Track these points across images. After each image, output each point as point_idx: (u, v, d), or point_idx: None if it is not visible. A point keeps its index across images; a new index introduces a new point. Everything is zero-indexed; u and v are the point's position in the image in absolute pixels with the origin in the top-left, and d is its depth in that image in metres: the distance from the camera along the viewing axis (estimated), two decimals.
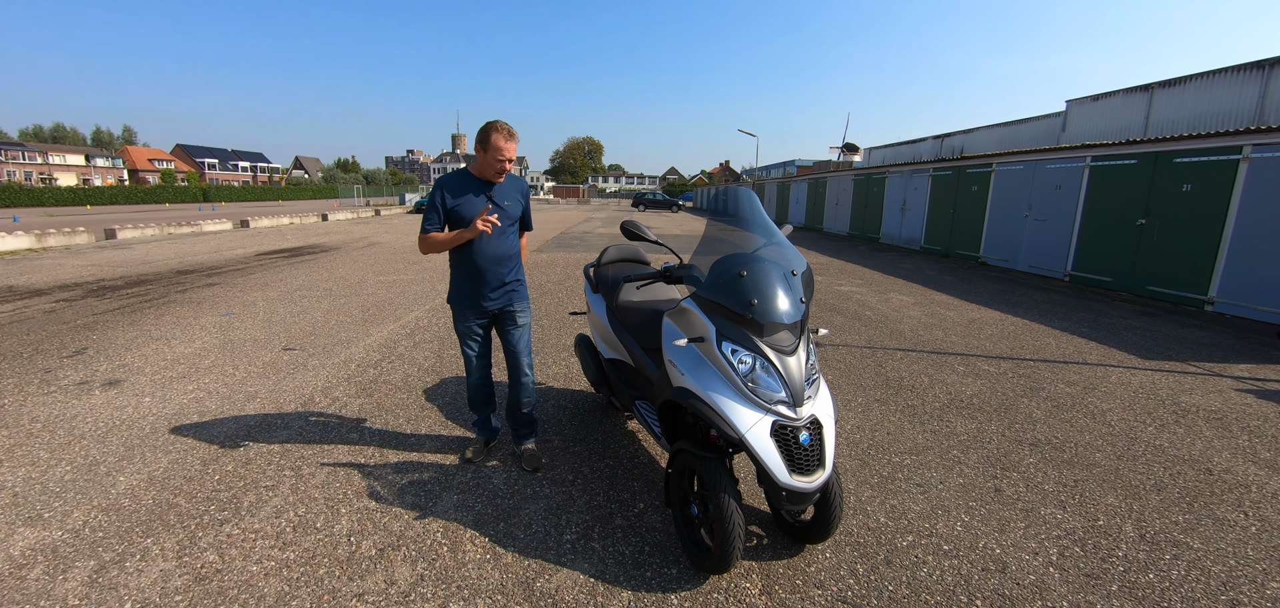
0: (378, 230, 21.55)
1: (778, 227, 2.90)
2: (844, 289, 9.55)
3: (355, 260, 12.49)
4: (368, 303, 7.88)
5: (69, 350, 5.58)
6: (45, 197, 46.24)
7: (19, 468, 3.28)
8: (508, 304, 3.10)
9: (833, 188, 24.34)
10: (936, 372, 5.09)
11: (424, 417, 3.97)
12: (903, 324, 6.95)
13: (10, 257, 13.14)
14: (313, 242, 16.84)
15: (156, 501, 2.92)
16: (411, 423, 3.87)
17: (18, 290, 8.93)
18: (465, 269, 2.99)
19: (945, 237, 15.44)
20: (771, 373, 2.11)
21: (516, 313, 3.13)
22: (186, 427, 3.81)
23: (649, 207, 49.41)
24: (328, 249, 14.86)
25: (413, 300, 8.11)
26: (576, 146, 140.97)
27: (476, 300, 3.01)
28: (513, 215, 3.05)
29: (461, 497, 2.96)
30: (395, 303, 7.91)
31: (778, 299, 2.18)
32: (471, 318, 3.05)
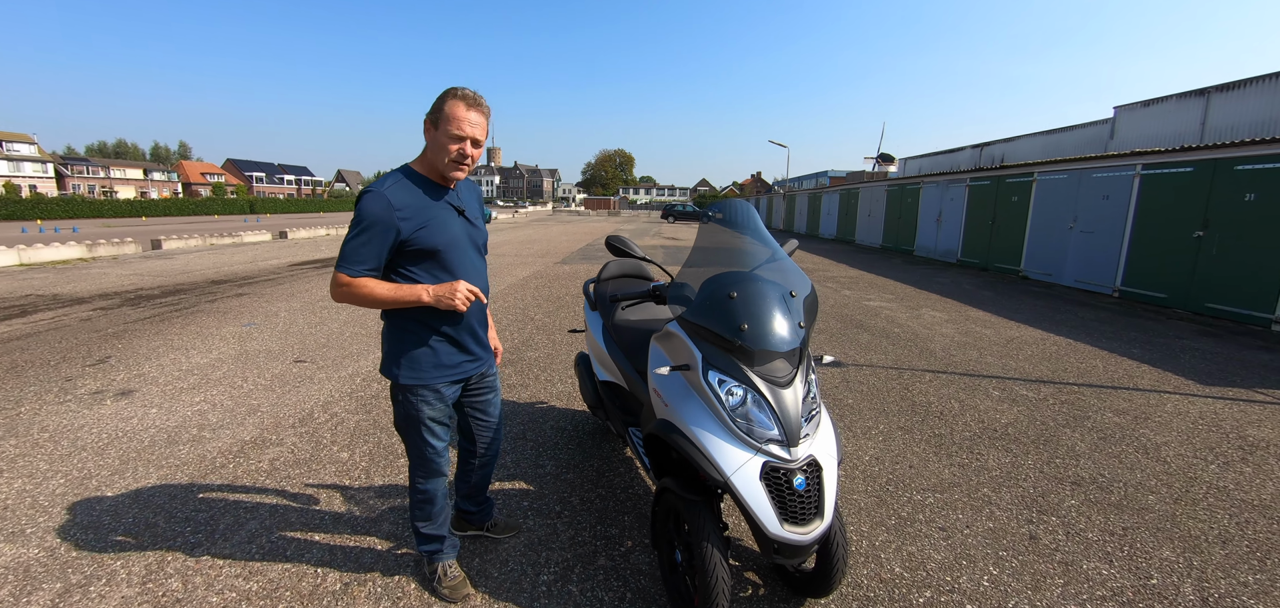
0: None
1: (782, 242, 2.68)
2: (872, 304, 9.14)
3: None
4: None
5: (93, 359, 5.69)
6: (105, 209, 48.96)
7: (16, 480, 3.26)
8: (486, 363, 2.26)
9: (865, 199, 23.70)
10: (968, 396, 4.72)
11: None
12: (934, 343, 6.55)
13: (63, 265, 13.78)
14: None
15: (136, 520, 2.84)
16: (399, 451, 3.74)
17: (62, 298, 9.29)
18: (439, 324, 2.04)
19: (983, 249, 14.76)
20: (763, 407, 1.88)
21: (494, 376, 2.38)
22: (184, 441, 3.76)
23: (678, 218, 49.25)
24: None
25: None
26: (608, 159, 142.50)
27: (458, 365, 2.11)
28: (483, 233, 2.21)
29: None
30: None
31: (772, 324, 1.94)
32: (449, 393, 2.12)
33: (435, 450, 2.16)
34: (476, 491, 2.52)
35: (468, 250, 2.08)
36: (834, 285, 11.24)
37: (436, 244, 1.95)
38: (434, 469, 2.18)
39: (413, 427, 2.10)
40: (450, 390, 2.13)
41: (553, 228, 34.71)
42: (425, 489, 2.20)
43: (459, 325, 2.08)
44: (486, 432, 2.39)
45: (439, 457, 2.18)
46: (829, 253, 19.14)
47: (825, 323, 7.57)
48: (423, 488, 2.20)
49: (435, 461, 2.17)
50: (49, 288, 10.25)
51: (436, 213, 1.96)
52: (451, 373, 2.10)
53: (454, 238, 2.01)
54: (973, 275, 13.30)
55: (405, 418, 2.09)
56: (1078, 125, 19.35)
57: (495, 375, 2.39)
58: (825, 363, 2.25)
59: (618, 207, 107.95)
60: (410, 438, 2.13)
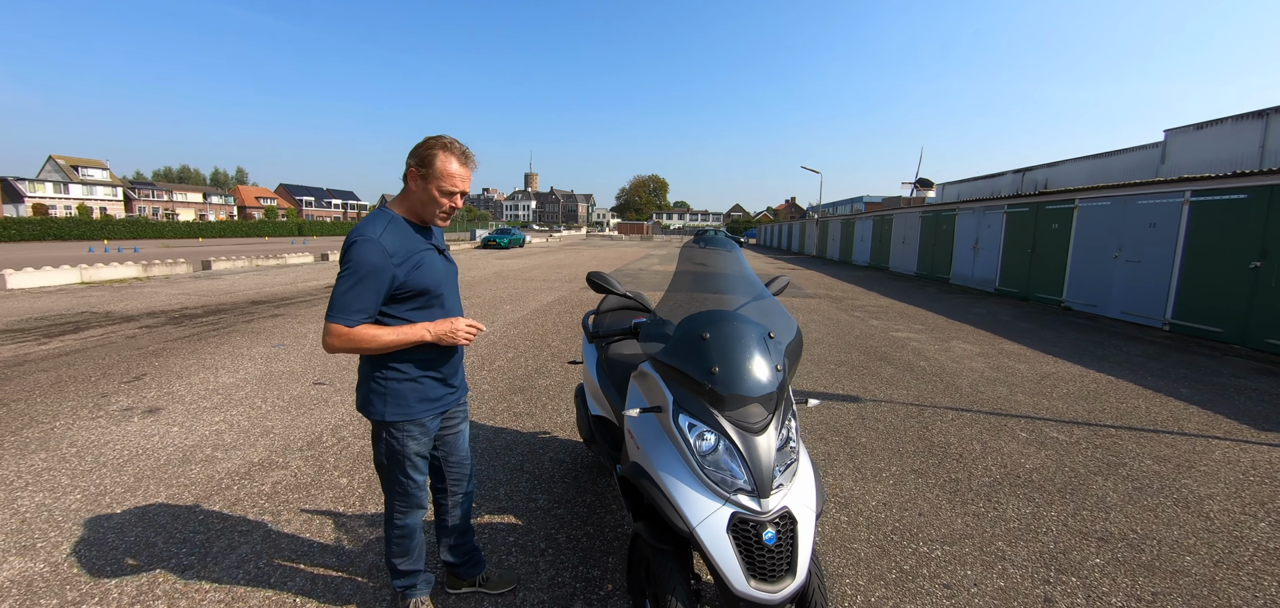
0: None
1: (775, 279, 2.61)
2: (900, 335, 8.84)
3: None
4: None
5: (130, 376, 5.95)
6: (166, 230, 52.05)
7: (38, 493, 3.41)
8: (463, 394, 2.29)
9: (899, 225, 23.16)
10: (992, 437, 4.47)
11: None
12: (961, 378, 6.27)
13: (119, 284, 14.61)
14: None
15: (138, 538, 2.92)
16: None
17: (113, 315, 9.81)
18: (427, 359, 2.06)
19: (1022, 278, 14.17)
20: (734, 455, 1.79)
21: (465, 406, 2.37)
22: (197, 461, 3.87)
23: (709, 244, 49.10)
24: None
25: None
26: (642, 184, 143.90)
27: (441, 398, 2.13)
28: (456, 269, 2.26)
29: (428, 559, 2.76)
30: None
31: (747, 367, 1.87)
32: (433, 426, 2.13)
33: (416, 484, 2.16)
34: (459, 535, 2.40)
35: (452, 287, 2.17)
36: (861, 315, 10.94)
37: (427, 284, 1.99)
38: (415, 502, 2.18)
39: (397, 463, 2.10)
40: (433, 424, 2.14)
41: (584, 252, 35.08)
42: (405, 524, 2.19)
43: (446, 360, 2.11)
44: (458, 467, 2.35)
45: (419, 490, 2.18)
46: (861, 281, 18.71)
47: (845, 356, 7.35)
48: (403, 523, 2.19)
49: (417, 493, 2.17)
50: (103, 305, 10.86)
51: (423, 255, 2.00)
52: (435, 406, 2.12)
53: (440, 277, 2.07)
54: (1011, 306, 12.76)
55: (390, 455, 2.09)
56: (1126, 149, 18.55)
57: (465, 406, 2.38)
58: (810, 405, 2.15)
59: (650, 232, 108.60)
60: (393, 475, 2.13)
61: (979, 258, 16.45)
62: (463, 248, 36.96)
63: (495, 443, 4.17)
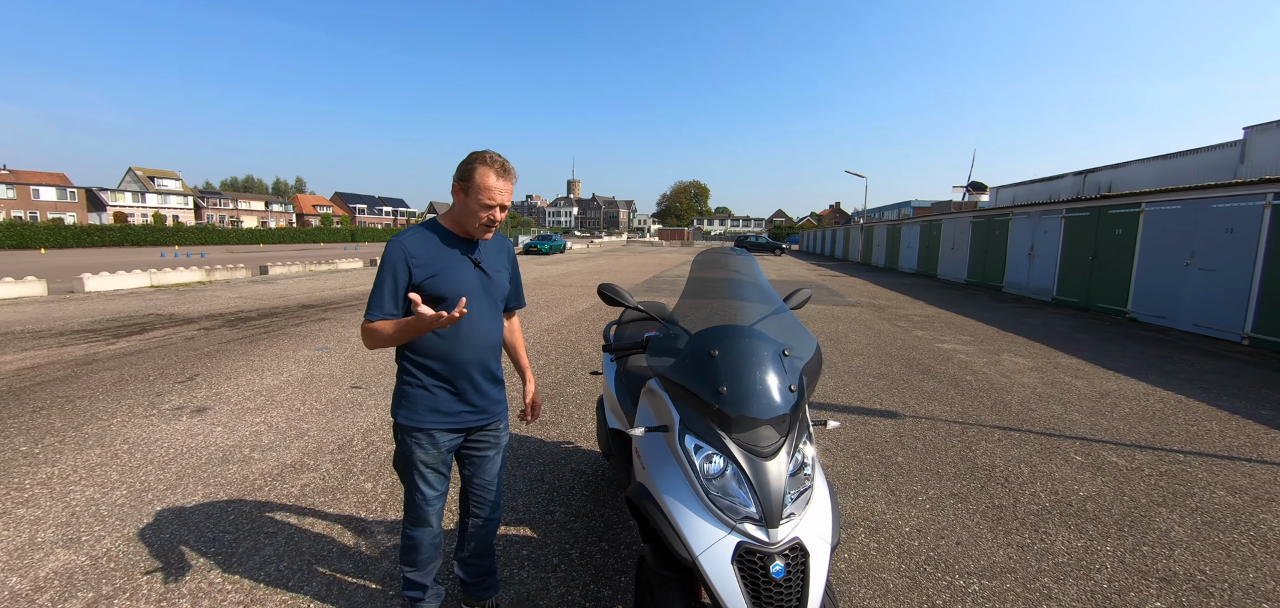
0: None
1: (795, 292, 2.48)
2: (946, 347, 8.43)
3: None
4: None
5: (184, 376, 6.26)
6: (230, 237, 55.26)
7: (89, 488, 3.59)
8: (490, 417, 2.20)
9: (948, 231, 22.26)
10: (1043, 460, 4.17)
11: None
12: (1011, 394, 5.90)
13: (184, 287, 15.52)
14: None
15: (172, 536, 3.02)
16: None
17: (176, 318, 10.41)
18: (438, 365, 2.04)
19: (1083, 287, 13.35)
20: (742, 481, 1.69)
21: (501, 429, 2.28)
22: (235, 461, 4.00)
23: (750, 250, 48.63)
24: None
25: None
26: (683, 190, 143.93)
27: (457, 414, 2.09)
28: (502, 287, 2.20)
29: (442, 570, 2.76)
30: None
31: (756, 387, 1.76)
32: (441, 440, 2.08)
33: (425, 498, 2.12)
34: (474, 558, 2.34)
35: (480, 300, 2.09)
36: (905, 325, 10.52)
37: (444, 292, 1.98)
38: (421, 517, 2.14)
39: (406, 469, 2.10)
40: (445, 438, 2.09)
41: (624, 258, 35.22)
42: (412, 536, 2.17)
43: (458, 372, 2.06)
44: (482, 492, 2.27)
45: (428, 505, 2.13)
46: (906, 288, 18.04)
47: (885, 368, 7.05)
48: (409, 534, 2.18)
49: (424, 508, 2.13)
50: (167, 308, 11.54)
51: (450, 263, 2.03)
52: (448, 420, 2.08)
53: (464, 288, 2.02)
54: (1069, 316, 12.01)
55: (400, 459, 2.11)
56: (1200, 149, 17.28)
57: (500, 433, 2.27)
58: (830, 427, 2.02)
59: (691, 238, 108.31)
60: (405, 481, 2.14)
61: (1034, 265, 15.60)
62: None
63: (518, 452, 4.16)
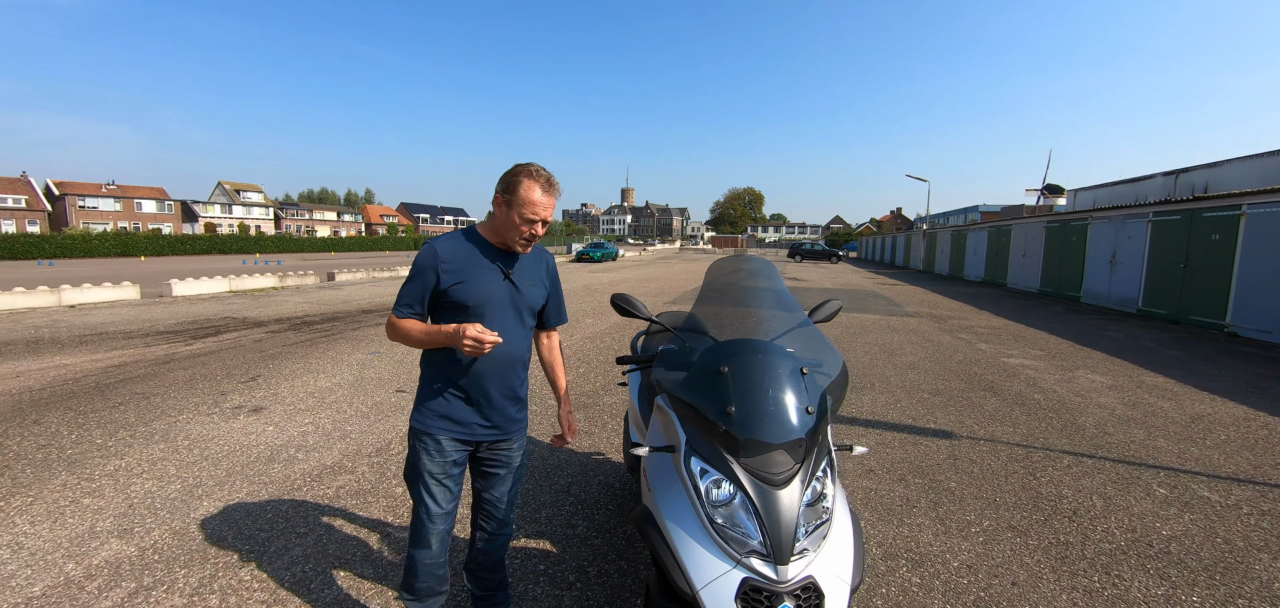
0: None
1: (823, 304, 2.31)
2: (1012, 361, 7.84)
3: None
4: None
5: (247, 377, 6.62)
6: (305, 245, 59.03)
7: (148, 481, 3.81)
8: (505, 433, 2.11)
9: (1019, 237, 20.89)
10: (1120, 492, 3.75)
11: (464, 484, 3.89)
12: (1085, 416, 5.38)
13: (258, 292, 16.58)
14: None
15: (214, 532, 3.14)
16: None
17: (248, 321, 11.10)
18: (455, 373, 1.98)
19: (1173, 297, 12.16)
20: (749, 510, 1.55)
21: (515, 448, 2.18)
22: (281, 460, 4.16)
23: (805, 257, 47.44)
24: None
25: None
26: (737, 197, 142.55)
27: (468, 424, 2.02)
28: (534, 303, 2.12)
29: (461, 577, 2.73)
30: None
31: (768, 408, 1.62)
32: (451, 451, 2.01)
33: (429, 513, 2.02)
34: (483, 571, 2.24)
35: (505, 312, 2.01)
36: (968, 337, 9.88)
37: (469, 300, 1.95)
38: (422, 536, 2.03)
39: (414, 477, 2.04)
40: (453, 448, 2.02)
41: (675, 266, 35.09)
42: (413, 556, 2.07)
43: (473, 380, 1.99)
44: (490, 508, 2.17)
45: (431, 522, 2.02)
46: (971, 298, 17.01)
47: (943, 384, 6.60)
48: (412, 554, 2.08)
49: (427, 524, 2.03)
50: (241, 312, 12.33)
51: (479, 271, 1.97)
52: (457, 430, 2.01)
53: (490, 297, 1.98)
54: (1157, 330, 10.95)
55: (410, 465, 2.06)
56: None
57: (513, 453, 2.16)
58: (855, 454, 1.84)
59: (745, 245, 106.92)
60: (412, 492, 2.06)
61: (1117, 273, 14.36)
62: (558, 262, 38.13)
63: (547, 461, 4.12)
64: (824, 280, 23.59)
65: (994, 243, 23.44)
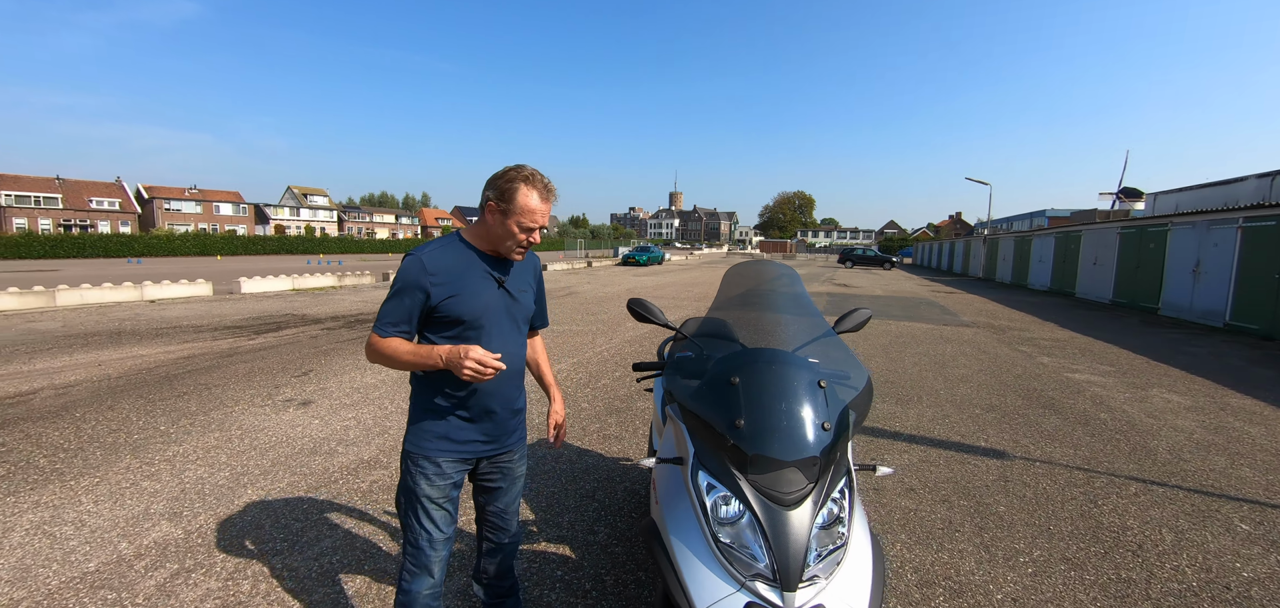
0: (583, 281, 23.58)
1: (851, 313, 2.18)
2: (1078, 377, 7.31)
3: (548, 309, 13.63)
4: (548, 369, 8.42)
5: (300, 371, 6.94)
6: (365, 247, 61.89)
7: (201, 468, 4.02)
8: (506, 445, 2.01)
9: (1089, 243, 19.57)
10: (1194, 526, 3.40)
11: None
12: (1158, 439, 4.94)
13: (319, 291, 17.43)
14: None
15: (253, 519, 3.28)
16: None
17: (307, 318, 11.67)
18: (455, 392, 1.86)
19: (1266, 311, 11.08)
20: (756, 531, 1.46)
21: (517, 458, 2.09)
22: (322, 453, 4.31)
23: (856, 263, 46.06)
24: None
25: (568, 351, 8.44)
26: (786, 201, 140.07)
27: (468, 442, 1.90)
28: (527, 310, 2.04)
29: None
30: (551, 352, 8.31)
31: (779, 422, 1.53)
32: (451, 472, 1.89)
33: (429, 539, 1.86)
34: (492, 580, 2.18)
35: (501, 322, 1.90)
36: (1028, 350, 9.29)
37: (463, 314, 1.81)
38: (421, 564, 1.87)
39: (409, 502, 1.88)
40: (453, 468, 1.89)
41: (721, 269, 34.73)
42: (407, 588, 1.88)
43: (473, 397, 1.87)
44: (495, 519, 2.09)
45: (431, 549, 1.86)
46: (1035, 308, 16.04)
47: (997, 400, 6.22)
48: (405, 586, 1.89)
49: (427, 551, 1.86)
50: (302, 309, 12.97)
51: (471, 282, 1.84)
52: (457, 449, 1.89)
53: (485, 308, 1.85)
54: (1246, 346, 9.99)
55: (404, 490, 1.90)
56: None
57: (514, 463, 2.08)
58: (879, 474, 1.72)
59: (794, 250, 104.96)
60: (406, 516, 1.89)
61: (1201, 284, 13.22)
62: (603, 265, 38.55)
63: (576, 465, 4.10)
64: (874, 287, 22.79)
65: (1061, 249, 22.06)
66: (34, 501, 3.49)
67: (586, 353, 8.23)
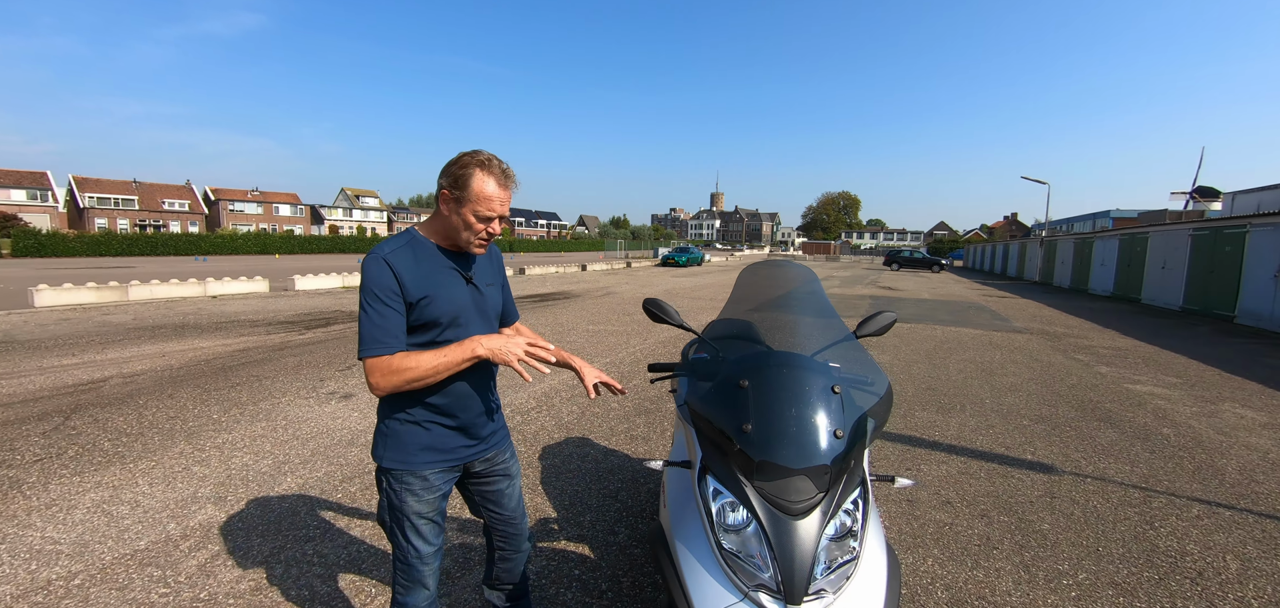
0: (621, 281, 23.69)
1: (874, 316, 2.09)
2: (1139, 389, 6.85)
3: (584, 309, 13.76)
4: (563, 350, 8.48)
5: (345, 365, 7.21)
6: None
7: (247, 456, 4.22)
8: (490, 446, 1.91)
9: (1157, 246, 18.36)
10: (1265, 554, 3.12)
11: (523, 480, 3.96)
12: (1228, 459, 4.58)
13: None
14: (562, 289, 19.27)
15: (289, 507, 3.41)
16: None
17: (355, 314, 12.12)
18: (432, 397, 1.73)
19: None
20: (761, 540, 1.42)
21: (509, 458, 2.01)
22: (359, 444, 4.46)
23: (903, 265, 44.42)
24: (570, 296, 16.77)
25: (601, 351, 8.48)
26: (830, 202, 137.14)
27: (454, 449, 1.80)
28: (496, 305, 1.94)
29: None
30: (584, 352, 8.37)
31: (788, 428, 1.47)
32: (439, 484, 1.79)
33: (419, 555, 1.77)
34: (504, 582, 2.12)
35: (475, 321, 1.80)
36: (1086, 358, 8.78)
37: (439, 315, 1.69)
38: (416, 578, 1.78)
39: (397, 521, 1.77)
40: (441, 478, 1.79)
41: None
42: (403, 602, 1.81)
43: (455, 402, 1.76)
44: (505, 526, 2.02)
45: (423, 564, 1.78)
46: (1095, 314, 15.15)
47: (1048, 410, 5.89)
48: (401, 600, 1.81)
49: (418, 567, 1.78)
50: (350, 306, 13.48)
51: (442, 282, 1.72)
52: (444, 458, 1.78)
53: (460, 309, 1.75)
54: None
55: (389, 509, 1.78)
56: None
57: (509, 461, 2.00)
58: (897, 486, 1.64)
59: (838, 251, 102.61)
60: (394, 534, 1.79)
61: None
62: (643, 266, 38.63)
63: (601, 464, 4.11)
64: (921, 291, 22.00)
65: (1126, 252, 20.78)
66: (97, 480, 3.74)
67: (620, 353, 8.25)
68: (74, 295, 12.56)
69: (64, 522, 3.21)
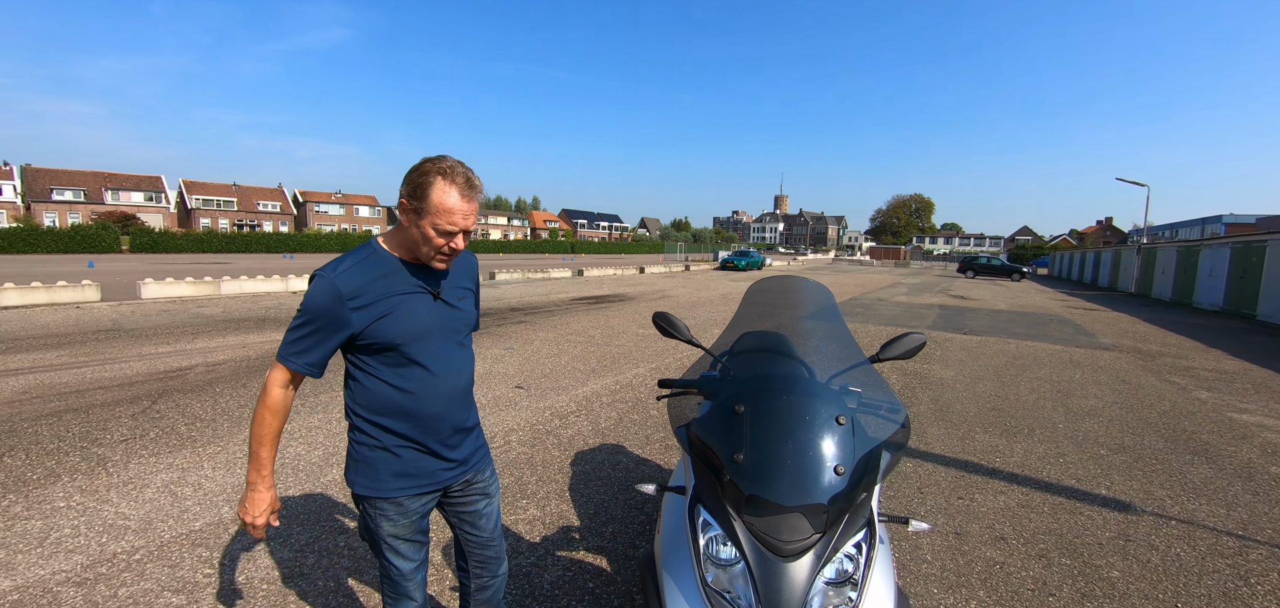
0: (678, 285, 23.62)
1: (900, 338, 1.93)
2: (1245, 419, 6.08)
3: (637, 311, 13.78)
4: (609, 353, 8.51)
5: None
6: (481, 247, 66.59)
7: (300, 446, 4.47)
8: (470, 468, 1.82)
9: (1276, 255, 16.33)
10: None
11: (545, 485, 3.97)
12: None
13: None
14: (619, 291, 19.41)
15: (327, 503, 3.57)
16: (527, 491, 3.90)
17: None
18: (399, 423, 1.64)
19: None
20: (747, 581, 1.32)
21: (488, 476, 1.91)
22: None
23: (979, 272, 41.29)
24: (626, 298, 16.86)
25: (648, 356, 8.45)
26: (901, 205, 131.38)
27: (429, 473, 1.71)
28: (469, 318, 1.82)
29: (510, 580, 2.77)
30: (631, 356, 8.35)
31: (783, 462, 1.37)
32: (415, 508, 1.71)
33: (401, 572, 1.73)
34: None
35: (439, 341, 1.68)
36: (1183, 381, 7.90)
37: (396, 337, 1.58)
38: (401, 591, 1.76)
39: (375, 543, 1.73)
40: (417, 504, 1.71)
41: (822, 276, 33.24)
42: None
43: (426, 429, 1.67)
44: (482, 550, 1.91)
45: (406, 579, 1.75)
46: (1198, 332, 13.63)
47: (1132, 440, 5.32)
48: None
49: (401, 582, 1.75)
50: None
51: (401, 300, 1.60)
52: (418, 484, 1.69)
53: (422, 328, 1.63)
54: None
55: (367, 532, 1.74)
56: None
57: (489, 480, 1.91)
58: (911, 529, 1.49)
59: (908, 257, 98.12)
60: (375, 554, 1.77)
61: None
62: (701, 269, 38.34)
63: (633, 474, 4.06)
64: (996, 301, 20.57)
65: (1239, 262, 18.61)
66: (168, 462, 4.07)
67: (666, 358, 8.18)
68: (174, 289, 13.84)
69: (136, 499, 3.50)
